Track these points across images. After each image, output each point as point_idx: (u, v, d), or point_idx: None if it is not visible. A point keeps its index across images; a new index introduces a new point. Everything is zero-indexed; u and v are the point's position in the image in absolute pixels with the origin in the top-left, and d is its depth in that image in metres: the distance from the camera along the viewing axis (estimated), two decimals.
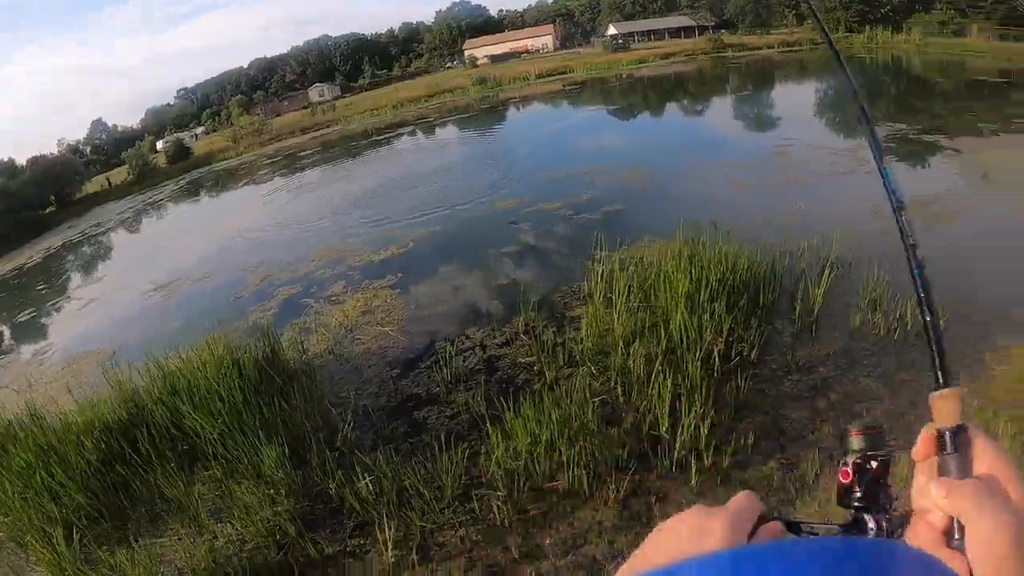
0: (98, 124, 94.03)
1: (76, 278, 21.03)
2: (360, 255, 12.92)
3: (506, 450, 5.49)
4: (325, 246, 14.27)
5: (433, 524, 5.15)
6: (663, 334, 6.70)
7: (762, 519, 0.70)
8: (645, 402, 5.93)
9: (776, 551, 0.52)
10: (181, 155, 55.21)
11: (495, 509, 5.09)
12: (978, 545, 0.60)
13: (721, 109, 29.06)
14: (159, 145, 71.72)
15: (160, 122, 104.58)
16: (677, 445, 5.30)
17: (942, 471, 0.70)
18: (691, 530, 0.63)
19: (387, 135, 37.44)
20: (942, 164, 13.78)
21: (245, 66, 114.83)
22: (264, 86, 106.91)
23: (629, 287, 7.71)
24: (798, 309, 7.53)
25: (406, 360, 8.08)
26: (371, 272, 11.69)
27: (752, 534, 0.67)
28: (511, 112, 39.38)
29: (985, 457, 0.69)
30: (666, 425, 5.55)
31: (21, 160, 52.63)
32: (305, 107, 72.20)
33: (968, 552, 0.61)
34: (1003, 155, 13.18)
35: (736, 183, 13.85)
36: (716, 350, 6.67)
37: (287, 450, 6.19)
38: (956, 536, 0.64)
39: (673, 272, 7.47)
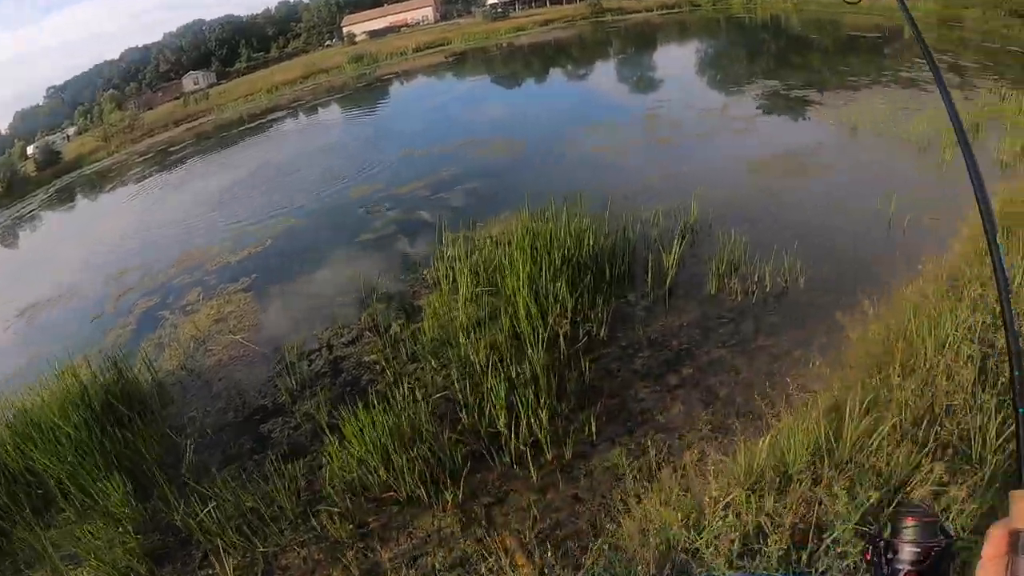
0: None
1: None
2: (218, 258, 12.14)
3: (343, 460, 5.15)
4: (186, 250, 13.35)
5: (275, 547, 4.80)
6: (507, 320, 6.41)
7: None
8: (482, 396, 5.58)
9: None
10: (51, 160, 50.85)
11: (333, 525, 4.77)
12: None
13: (599, 73, 29.17)
14: (29, 150, 66.31)
15: (30, 125, 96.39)
16: (515, 440, 5.04)
17: (1013, 572, 0.65)
18: None
19: (259, 122, 35.44)
20: (814, 118, 14.10)
21: (117, 57, 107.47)
22: (138, 77, 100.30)
23: (476, 272, 7.40)
24: (650, 279, 7.34)
25: (255, 369, 7.57)
26: (227, 275, 10.97)
27: None
28: (390, 88, 38.18)
29: None
30: (503, 420, 5.23)
31: None
32: (178, 97, 68.17)
33: None
34: (872, 107, 13.59)
35: (605, 148, 13.79)
36: (561, 332, 6.40)
37: (133, 484, 5.68)
38: None
39: (517, 252, 7.15)
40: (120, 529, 5.31)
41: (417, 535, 4.63)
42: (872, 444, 3.83)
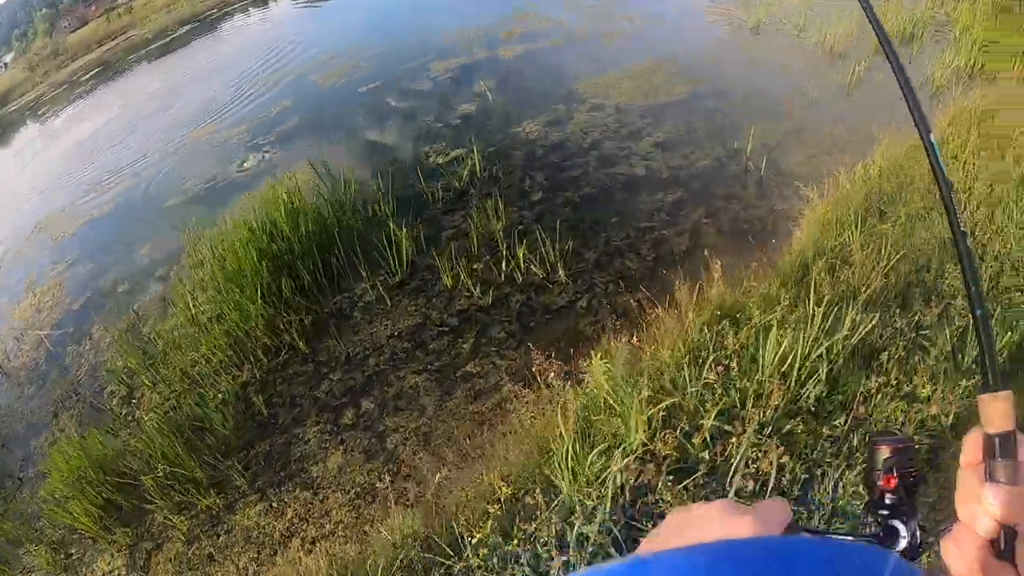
0: None
1: None
2: (60, 229, 11.21)
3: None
4: (40, 221, 12.23)
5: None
6: (219, 327, 5.83)
7: (790, 528, 0.68)
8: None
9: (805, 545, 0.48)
10: None
11: (42, 557, 4.85)
12: None
13: None
14: None
15: None
16: (176, 485, 4.80)
17: (992, 477, 0.66)
18: (718, 526, 0.60)
19: (170, 37, 32.04)
20: (712, 15, 12.33)
21: None
22: None
23: (221, 261, 6.49)
24: (376, 265, 6.29)
25: (41, 374, 7.22)
26: (58, 255, 10.13)
27: None
28: None
29: None
30: (161, 469, 4.81)
31: None
32: (110, 10, 63.69)
33: (1020, 561, 0.61)
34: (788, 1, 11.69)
35: (441, 68, 12.25)
36: (259, 345, 5.76)
37: None
38: (1005, 545, 0.62)
39: (243, 244, 6.22)
40: None
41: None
42: None
